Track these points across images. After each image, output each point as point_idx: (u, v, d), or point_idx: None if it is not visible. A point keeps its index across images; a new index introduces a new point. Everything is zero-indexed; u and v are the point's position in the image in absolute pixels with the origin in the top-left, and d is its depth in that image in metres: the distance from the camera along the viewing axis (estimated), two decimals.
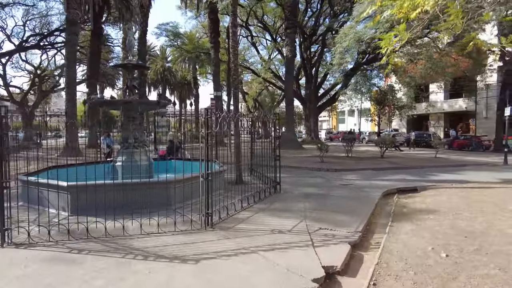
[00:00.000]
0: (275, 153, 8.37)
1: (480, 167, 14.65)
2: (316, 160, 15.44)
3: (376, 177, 11.21)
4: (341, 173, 12.16)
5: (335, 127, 69.45)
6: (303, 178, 10.82)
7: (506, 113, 16.44)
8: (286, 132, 25.67)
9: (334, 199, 7.61)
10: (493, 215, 5.93)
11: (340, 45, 19.00)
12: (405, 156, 18.62)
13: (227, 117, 6.51)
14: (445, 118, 45.98)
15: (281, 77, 36.25)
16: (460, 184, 9.68)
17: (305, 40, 33.38)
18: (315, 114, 33.85)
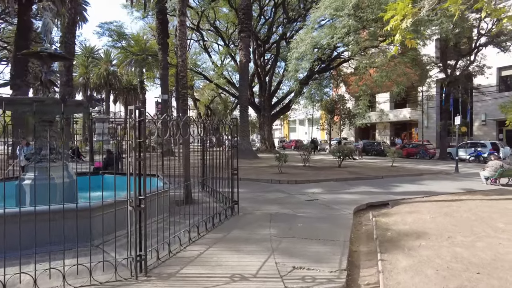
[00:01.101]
0: (231, 166, 6.95)
1: (436, 175, 14.59)
2: (274, 171, 14.28)
3: (340, 190, 10.28)
4: (302, 186, 11.08)
5: (287, 135, 69.97)
6: (263, 193, 9.51)
7: (456, 122, 16.80)
8: (241, 141, 24.35)
9: (303, 221, 6.37)
10: (490, 238, 5.10)
11: (296, 50, 18.29)
12: (362, 165, 18.27)
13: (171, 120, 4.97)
14: (390, 127, 48.32)
15: (234, 84, 35.10)
16: (428, 196, 9.06)
17: (259, 47, 32.68)
18: (270, 122, 33.10)
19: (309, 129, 54.36)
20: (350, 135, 50.93)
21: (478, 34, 23.45)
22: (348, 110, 34.17)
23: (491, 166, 11.41)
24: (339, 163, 16.88)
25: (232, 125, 6.76)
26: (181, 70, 8.19)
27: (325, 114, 35.87)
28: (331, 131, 35.83)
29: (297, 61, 18.93)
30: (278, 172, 13.78)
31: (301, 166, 16.89)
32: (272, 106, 33.37)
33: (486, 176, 11.53)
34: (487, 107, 33.32)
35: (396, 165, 17.74)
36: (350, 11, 15.81)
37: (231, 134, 6.79)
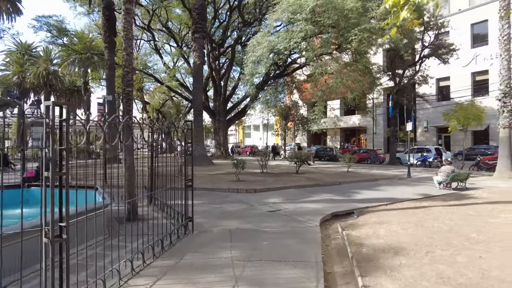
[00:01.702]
0: (185, 175, 6.02)
1: (391, 181, 14.80)
2: (231, 179, 13.44)
3: (301, 198, 9.76)
4: (262, 195, 10.38)
5: (242, 141, 69.55)
6: (221, 205, 8.64)
7: (408, 128, 17.36)
8: (195, 146, 23.16)
9: (267, 237, 5.64)
10: (468, 251, 4.78)
11: (253, 53, 17.76)
12: (318, 171, 18.15)
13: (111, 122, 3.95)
14: (341, 133, 50.00)
15: (187, 87, 33.74)
16: (391, 204, 8.86)
17: (213, 49, 31.79)
18: (225, 127, 32.24)
19: (264, 134, 54.40)
20: (303, 140, 51.82)
21: (422, 46, 24.89)
22: (302, 116, 34.54)
23: (444, 171, 11.71)
24: (297, 169, 16.55)
25: (186, 128, 5.84)
26: (126, 65, 7.09)
27: (280, 120, 35.90)
28: (285, 137, 35.91)
29: (254, 65, 18.40)
30: (236, 180, 12.97)
31: (259, 172, 16.27)
32: (228, 111, 32.56)
33: (439, 180, 11.80)
34: (429, 114, 35.66)
35: (351, 171, 17.86)
36: (307, 15, 15.67)
37: (184, 139, 5.87)
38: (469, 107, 20.64)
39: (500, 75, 16.10)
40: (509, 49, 15.87)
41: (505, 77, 15.81)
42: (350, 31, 15.61)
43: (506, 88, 15.77)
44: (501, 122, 15.95)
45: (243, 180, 13.03)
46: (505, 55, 15.81)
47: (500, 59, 16.14)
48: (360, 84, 19.67)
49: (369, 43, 16.82)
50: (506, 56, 15.81)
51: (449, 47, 24.20)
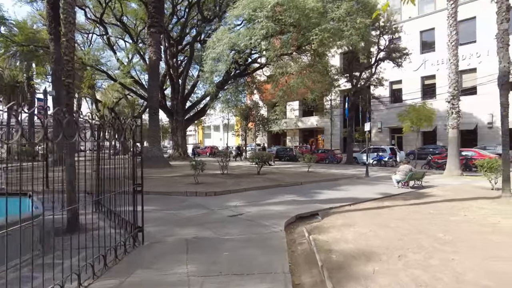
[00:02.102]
0: (134, 179, 5.27)
1: (350, 180, 14.92)
2: (189, 181, 12.67)
3: (264, 200, 9.31)
4: (223, 198, 9.79)
5: (201, 141, 68.11)
6: (178, 210, 7.91)
7: (366, 129, 17.71)
8: (150, 147, 21.90)
9: (229, 247, 5.08)
10: (439, 253, 4.60)
11: (213, 50, 17.08)
12: (279, 171, 17.92)
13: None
14: (299, 134, 50.76)
15: (143, 85, 32.05)
16: (354, 204, 8.72)
17: (171, 46, 30.50)
18: (183, 127, 31.04)
19: (224, 135, 53.64)
20: (264, 141, 51.86)
21: (378, 49, 25.79)
22: (262, 116, 34.39)
23: (402, 170, 11.94)
24: (258, 170, 16.16)
25: (134, 126, 5.10)
26: (67, 53, 6.13)
27: (240, 120, 35.45)
28: (246, 137, 35.53)
29: (214, 62, 17.73)
30: (195, 183, 12.23)
31: (219, 174, 15.64)
32: (186, 110, 31.41)
33: (397, 179, 12.02)
34: (383, 116, 37.22)
35: (312, 171, 17.85)
36: (268, 13, 15.35)
37: (133, 138, 5.13)
38: (421, 108, 21.66)
39: (449, 78, 16.97)
40: (456, 54, 16.77)
41: (454, 80, 16.69)
42: (311, 31, 15.55)
43: (454, 91, 16.64)
44: (450, 123, 16.80)
45: (202, 183, 12.32)
46: (454, 59, 16.68)
47: (449, 63, 17.01)
48: (320, 85, 19.81)
49: (330, 43, 16.88)
50: (454, 61, 16.69)
51: (403, 51, 25.30)
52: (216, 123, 56.06)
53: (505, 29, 8.86)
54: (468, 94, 31.00)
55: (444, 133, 33.30)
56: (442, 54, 33.31)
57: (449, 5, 16.88)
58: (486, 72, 29.44)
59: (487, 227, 6.01)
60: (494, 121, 30.00)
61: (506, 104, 8.92)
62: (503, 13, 8.97)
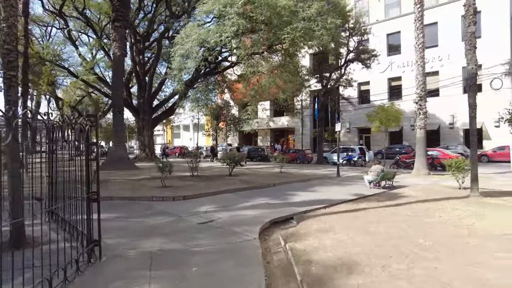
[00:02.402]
0: (89, 186, 4.62)
1: (323, 180, 14.80)
2: (156, 184, 11.92)
3: (236, 204, 8.85)
4: (192, 202, 9.20)
5: (170, 141, 66.30)
6: (142, 218, 7.24)
7: (337, 129, 17.73)
8: (114, 148, 20.73)
9: (199, 261, 4.57)
10: (422, 262, 4.37)
11: (181, 46, 16.33)
12: (252, 173, 17.51)
13: None
14: (270, 134, 50.75)
15: (108, 82, 30.42)
16: (329, 206, 8.49)
17: (138, 42, 29.16)
18: (150, 127, 29.77)
19: (194, 135, 52.52)
20: (235, 141, 51.34)
21: (347, 50, 26.11)
22: (233, 116, 33.88)
23: (374, 170, 11.93)
24: (230, 171, 15.65)
25: (87, 125, 4.45)
26: (7, 41, 5.30)
27: (211, 120, 34.71)
28: (217, 137, 34.84)
29: (182, 59, 16.97)
30: (162, 186, 11.51)
31: (189, 176, 14.96)
32: (153, 109, 30.18)
33: (369, 180, 12.00)
34: (351, 116, 37.88)
35: (284, 171, 17.61)
36: (239, 9, 14.88)
37: (87, 138, 4.47)
38: (390, 109, 22.13)
39: (416, 80, 17.38)
40: (423, 56, 17.21)
41: (421, 82, 17.11)
42: (283, 29, 15.27)
43: (421, 92, 17.07)
44: (417, 124, 17.21)
45: (170, 186, 11.63)
46: (421, 61, 17.11)
47: (416, 65, 17.42)
48: (291, 85, 19.63)
49: (301, 43, 16.70)
50: (421, 63, 17.12)
51: (371, 53, 25.78)
52: (186, 122, 54.70)
53: (472, 31, 9.01)
54: (431, 96, 32.24)
55: (410, 133, 34.49)
56: (407, 57, 34.48)
57: (415, 9, 17.30)
58: (447, 75, 30.82)
59: (463, 229, 5.93)
60: (455, 121, 31.47)
61: (474, 105, 9.08)
62: (470, 16, 9.12)
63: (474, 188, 9.06)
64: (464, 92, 31.12)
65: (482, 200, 8.67)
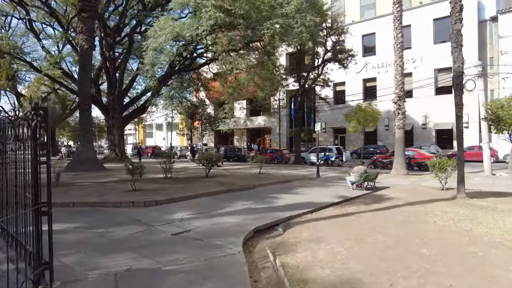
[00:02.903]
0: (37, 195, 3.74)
1: (303, 182, 14.32)
2: (126, 188, 10.92)
3: (215, 210, 8.11)
4: (166, 208, 8.36)
5: (142, 141, 64.02)
6: (108, 228, 6.33)
7: (317, 128, 17.36)
8: (81, 148, 19.30)
9: (174, 283, 3.82)
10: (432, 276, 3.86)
11: (154, 40, 15.29)
12: (230, 174, 16.76)
13: None
14: (247, 133, 50.12)
15: (75, 78, 28.53)
16: (316, 211, 7.95)
17: (108, 36, 27.49)
18: (121, 125, 28.17)
19: (168, 134, 50.92)
20: (210, 141, 50.34)
21: (325, 50, 25.92)
22: (209, 115, 32.95)
23: (357, 171, 11.56)
24: (207, 173, 14.81)
25: (36, 120, 3.58)
26: None
27: (185, 119, 33.57)
28: (192, 137, 33.74)
29: (155, 53, 15.94)
30: (132, 190, 10.53)
31: (162, 178, 14.00)
32: (124, 107, 28.63)
33: (352, 181, 11.63)
34: (327, 116, 37.95)
35: (263, 172, 17.00)
36: (217, 2, 14.11)
37: (34, 137, 3.59)
38: (367, 109, 22.11)
39: (395, 80, 17.33)
40: (402, 56, 17.18)
41: (400, 81, 17.07)
42: (262, 24, 14.66)
43: (400, 92, 17.03)
44: (396, 123, 17.16)
45: (141, 190, 10.67)
46: (399, 61, 17.07)
47: (395, 65, 17.37)
48: (270, 83, 19.08)
49: (281, 38, 16.15)
50: (400, 63, 17.07)
51: (349, 52, 25.73)
52: (159, 121, 52.95)
53: (458, 29, 8.80)
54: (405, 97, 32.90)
55: (384, 133, 35.03)
56: (382, 58, 35.02)
57: (394, 9, 17.23)
58: (420, 77, 31.47)
59: (462, 235, 5.55)
60: (428, 122, 32.23)
61: (460, 105, 8.87)
62: (456, 14, 8.91)
63: (460, 190, 8.85)
64: (436, 94, 32.03)
65: (469, 202, 8.45)
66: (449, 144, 31.73)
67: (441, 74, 32.11)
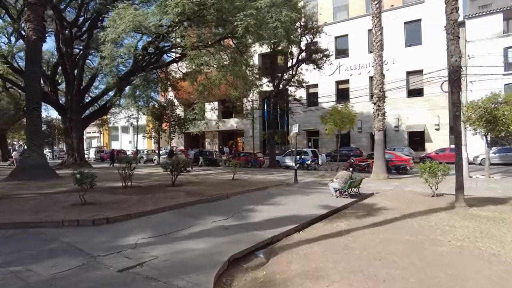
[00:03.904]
0: None
1: (281, 189, 13.03)
2: (74, 200, 9.10)
3: (180, 230, 6.58)
4: (118, 228, 6.74)
5: (107, 144, 60.42)
6: (26, 266, 4.63)
7: (294, 130, 16.24)
8: (28, 152, 16.93)
9: None
10: None
11: (114, 30, 13.46)
12: (200, 181, 15.16)
13: None
14: (219, 136, 48.41)
15: None
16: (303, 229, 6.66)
17: (64, 29, 24.93)
18: (80, 127, 25.66)
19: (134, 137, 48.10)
20: (180, 144, 48.19)
21: (299, 49, 25.01)
22: (178, 117, 31.02)
23: (341, 177, 10.46)
24: (173, 180, 13.11)
25: None
26: None
27: (152, 121, 31.39)
28: (159, 140, 31.59)
29: (115, 46, 14.11)
30: (81, 203, 8.75)
31: (121, 187, 12.20)
32: (84, 107, 26.16)
33: (336, 188, 10.51)
34: (300, 118, 37.15)
35: (236, 178, 15.56)
36: None
37: None
38: (343, 111, 21.35)
39: (374, 79, 16.60)
40: (381, 55, 16.47)
41: (379, 81, 16.33)
42: (235, 15, 13.30)
43: (380, 92, 16.28)
44: (376, 125, 16.39)
45: (92, 203, 8.91)
46: (379, 60, 16.34)
47: (374, 64, 16.64)
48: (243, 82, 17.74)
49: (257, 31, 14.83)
50: (379, 61, 16.35)
51: (324, 52, 24.98)
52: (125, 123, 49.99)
53: (455, 19, 7.94)
54: None
55: (357, 136, 34.78)
56: (355, 60, 34.83)
57: (373, 5, 16.54)
58: (392, 79, 31.40)
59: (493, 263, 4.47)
60: (400, 124, 32.27)
61: (458, 103, 7.98)
62: (452, 2, 8.04)
63: (459, 198, 7.94)
64: (408, 96, 32.18)
65: (471, 212, 7.54)
66: (421, 146, 31.94)
67: (412, 77, 32.35)
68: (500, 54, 28.26)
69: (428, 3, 31.70)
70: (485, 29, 28.74)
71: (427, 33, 31.41)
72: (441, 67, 29.77)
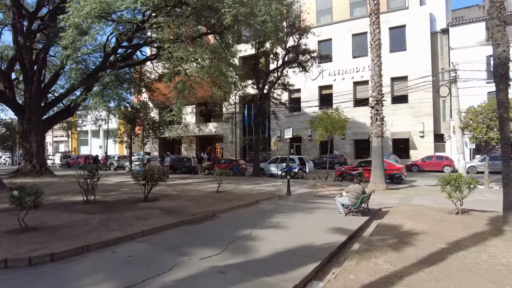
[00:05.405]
0: None
1: (275, 203, 11.22)
2: (12, 224, 6.84)
3: (155, 275, 4.59)
4: (65, 271, 4.66)
5: (76, 149, 56.31)
6: None
7: (287, 135, 14.58)
8: None
9: None
10: None
11: (77, 12, 11.24)
12: (179, 193, 13.00)
13: None
14: (196, 141, 46.00)
15: None
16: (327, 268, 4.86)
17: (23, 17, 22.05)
18: (40, 130, 22.67)
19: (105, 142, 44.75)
20: (154, 149, 45.43)
21: (286, 50, 23.52)
22: (153, 120, 28.64)
23: (352, 191, 8.77)
24: (146, 194, 10.91)
25: None
26: None
27: (124, 124, 28.79)
28: (131, 145, 28.99)
29: (78, 32, 11.85)
30: (19, 230, 6.52)
31: (81, 202, 9.91)
32: (45, 108, 23.28)
33: (345, 204, 8.83)
34: (282, 124, 35.63)
35: (221, 190, 13.52)
36: None
37: None
38: (334, 115, 19.97)
39: (372, 81, 15.30)
40: (380, 55, 15.21)
41: (377, 83, 15.02)
42: (223, 2, 11.49)
43: (378, 95, 14.96)
44: (374, 131, 15.02)
45: (36, 228, 6.69)
46: (377, 60, 15.06)
47: (372, 64, 15.35)
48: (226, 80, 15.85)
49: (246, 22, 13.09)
50: (377, 62, 15.07)
51: (312, 53, 23.63)
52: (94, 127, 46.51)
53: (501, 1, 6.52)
54: (362, 105, 31.91)
55: (340, 142, 33.67)
56: (338, 65, 33.91)
57: (370, 1, 15.27)
58: None
59: None
60: (384, 131, 31.43)
61: (507, 102, 6.53)
62: None
63: (510, 220, 6.45)
64: (392, 102, 31.46)
65: None
66: (405, 154, 31.25)
67: (396, 83, 31.76)
68: (483, 62, 28.13)
69: (412, 10, 31.37)
70: (468, 37, 28.61)
71: (411, 39, 31.02)
72: (425, 74, 29.41)
